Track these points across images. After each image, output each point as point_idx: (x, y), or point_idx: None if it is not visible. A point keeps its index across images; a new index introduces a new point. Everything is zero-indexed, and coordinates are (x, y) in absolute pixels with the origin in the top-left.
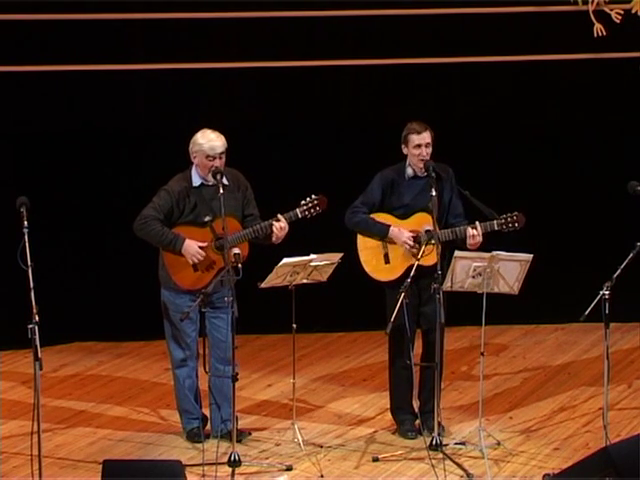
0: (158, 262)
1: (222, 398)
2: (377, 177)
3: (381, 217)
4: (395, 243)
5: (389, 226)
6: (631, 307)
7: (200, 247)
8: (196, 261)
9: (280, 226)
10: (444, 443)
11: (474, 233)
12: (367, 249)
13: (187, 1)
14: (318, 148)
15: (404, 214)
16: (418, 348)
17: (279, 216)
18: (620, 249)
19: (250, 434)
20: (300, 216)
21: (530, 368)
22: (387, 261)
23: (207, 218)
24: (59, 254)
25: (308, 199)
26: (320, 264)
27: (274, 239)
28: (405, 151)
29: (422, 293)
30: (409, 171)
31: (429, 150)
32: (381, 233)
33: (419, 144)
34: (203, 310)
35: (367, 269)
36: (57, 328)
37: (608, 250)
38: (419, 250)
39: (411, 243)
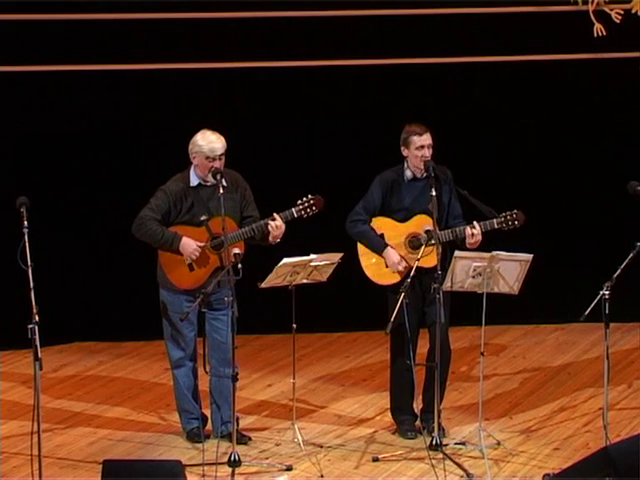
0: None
1: (222, 400)
2: (377, 180)
3: (381, 222)
4: (394, 248)
5: (386, 246)
6: (631, 307)
7: (197, 245)
8: (194, 258)
9: (276, 224)
10: (444, 443)
11: (473, 232)
12: (368, 254)
13: (187, 1)
14: (318, 148)
15: (404, 217)
16: (423, 348)
17: (275, 215)
18: (620, 249)
19: (250, 439)
20: (296, 215)
21: (530, 368)
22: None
23: (203, 217)
24: (59, 254)
25: (304, 199)
26: (320, 264)
27: (270, 239)
28: (405, 153)
29: (426, 294)
30: (408, 173)
31: (431, 151)
32: (377, 250)
33: (422, 145)
34: (203, 310)
35: (368, 273)
36: (57, 328)
37: (608, 250)
38: (419, 251)
39: (401, 269)
